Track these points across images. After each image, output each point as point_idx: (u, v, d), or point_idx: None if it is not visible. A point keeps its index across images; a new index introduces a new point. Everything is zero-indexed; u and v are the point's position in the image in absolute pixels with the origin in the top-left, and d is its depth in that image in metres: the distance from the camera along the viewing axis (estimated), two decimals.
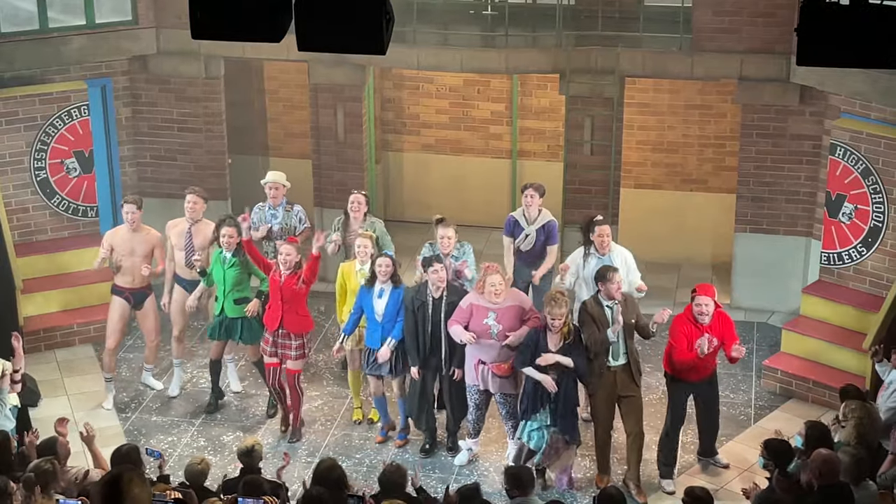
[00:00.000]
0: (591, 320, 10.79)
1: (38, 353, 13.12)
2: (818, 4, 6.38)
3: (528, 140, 16.23)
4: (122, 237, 12.36)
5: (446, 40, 14.40)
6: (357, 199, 12.54)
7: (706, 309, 10.83)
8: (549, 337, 10.69)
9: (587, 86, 14.10)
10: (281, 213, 12.81)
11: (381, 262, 11.37)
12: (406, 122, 16.55)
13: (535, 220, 12.58)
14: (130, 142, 14.93)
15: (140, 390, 12.82)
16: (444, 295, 11.27)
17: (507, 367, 10.96)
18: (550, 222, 12.63)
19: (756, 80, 13.66)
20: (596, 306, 10.85)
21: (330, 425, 12.23)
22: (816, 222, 13.72)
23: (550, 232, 12.62)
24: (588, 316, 10.83)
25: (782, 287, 14.04)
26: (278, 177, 12.89)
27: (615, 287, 10.80)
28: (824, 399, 12.44)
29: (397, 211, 16.60)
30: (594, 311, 10.82)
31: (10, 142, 13.68)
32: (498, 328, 10.88)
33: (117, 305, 12.45)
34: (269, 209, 12.86)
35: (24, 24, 13.89)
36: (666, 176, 15.72)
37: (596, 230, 11.79)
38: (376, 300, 11.36)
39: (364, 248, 11.79)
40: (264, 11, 6.59)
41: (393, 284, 11.38)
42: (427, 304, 11.27)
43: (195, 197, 12.48)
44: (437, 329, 11.27)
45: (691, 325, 10.87)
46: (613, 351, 10.83)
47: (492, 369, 11.02)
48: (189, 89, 14.75)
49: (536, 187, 12.63)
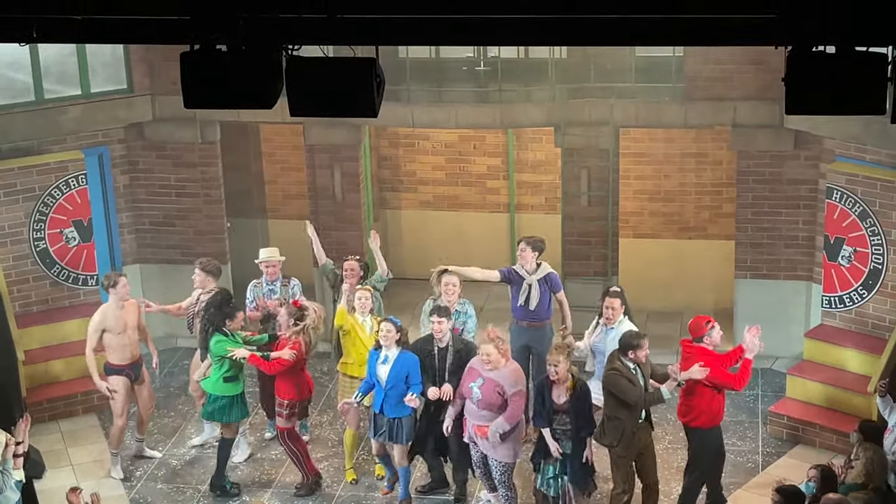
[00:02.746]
0: (629, 381, 10.65)
1: (41, 424, 13.07)
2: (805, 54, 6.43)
3: (525, 193, 16.27)
4: (112, 315, 12.26)
5: (440, 97, 14.47)
6: (350, 267, 12.43)
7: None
8: (553, 390, 10.65)
9: (582, 138, 14.15)
10: (279, 288, 12.78)
11: (384, 327, 11.24)
12: (403, 179, 16.60)
13: (536, 272, 12.48)
14: (129, 209, 14.97)
15: (146, 458, 12.76)
16: (450, 345, 11.24)
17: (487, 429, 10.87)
18: (551, 273, 12.53)
19: (750, 127, 13.71)
20: (627, 370, 10.72)
21: (336, 486, 12.16)
22: (816, 266, 13.72)
23: (553, 282, 12.50)
24: (625, 378, 10.65)
25: (785, 332, 14.01)
26: (272, 253, 12.88)
27: (645, 353, 10.76)
28: (832, 443, 12.39)
29: (397, 268, 16.52)
30: (628, 374, 10.69)
31: (8, 213, 13.71)
32: (478, 396, 10.83)
33: (121, 385, 12.34)
34: (267, 285, 12.82)
35: (20, 95, 13.96)
36: (664, 225, 15.74)
37: (606, 300, 11.79)
38: (380, 366, 11.26)
39: (364, 300, 11.81)
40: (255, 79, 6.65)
41: (400, 348, 11.28)
42: (434, 354, 11.27)
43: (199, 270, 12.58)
44: (443, 379, 11.25)
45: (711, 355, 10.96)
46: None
47: (475, 429, 10.97)
48: (186, 154, 14.81)
49: (529, 241, 12.49)
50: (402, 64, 14.17)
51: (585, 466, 10.81)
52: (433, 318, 11.29)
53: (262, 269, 12.83)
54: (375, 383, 11.33)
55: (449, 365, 11.22)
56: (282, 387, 11.73)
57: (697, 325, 11.06)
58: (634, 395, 10.62)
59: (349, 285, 12.31)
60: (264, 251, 12.96)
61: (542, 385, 10.79)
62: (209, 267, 12.61)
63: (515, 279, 12.51)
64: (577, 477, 10.76)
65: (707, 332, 11.00)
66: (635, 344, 10.70)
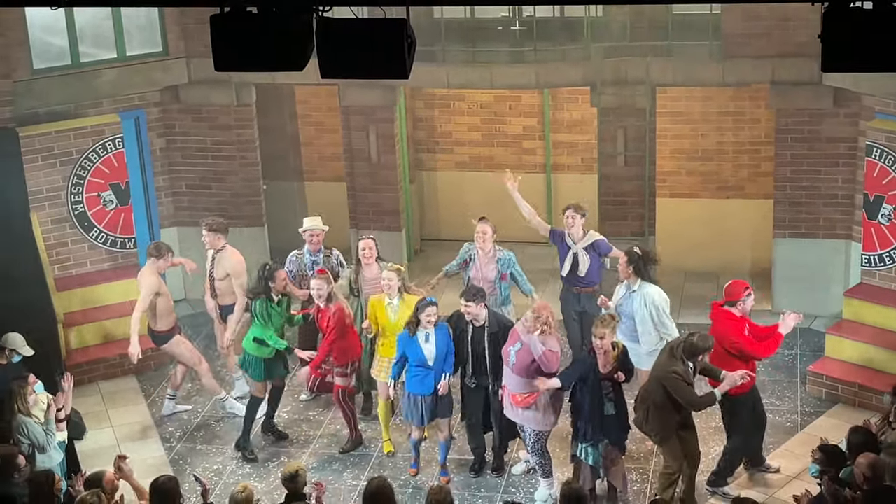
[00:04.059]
0: (689, 385, 10.52)
1: (81, 386, 13.15)
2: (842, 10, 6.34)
3: (561, 154, 16.19)
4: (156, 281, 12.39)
5: (475, 58, 14.40)
6: (367, 245, 12.29)
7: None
8: (598, 359, 10.65)
9: (618, 97, 14.05)
10: (321, 259, 12.71)
11: (431, 311, 11.09)
12: (439, 140, 16.56)
13: (582, 239, 12.45)
14: (165, 172, 15.02)
15: (185, 419, 12.86)
16: (486, 325, 11.21)
17: (521, 398, 10.84)
18: (598, 241, 12.53)
19: (788, 84, 13.57)
20: (687, 373, 10.57)
21: (374, 447, 12.21)
22: (856, 225, 13.59)
23: (601, 247, 12.50)
24: (686, 383, 10.50)
25: (824, 291, 13.91)
26: (316, 222, 12.77)
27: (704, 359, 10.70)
28: (871, 403, 12.30)
29: (433, 230, 16.60)
30: (688, 378, 10.54)
31: (46, 177, 13.79)
32: (514, 361, 10.82)
33: (182, 343, 12.64)
34: (310, 255, 12.75)
35: (57, 59, 14.00)
36: (702, 184, 15.63)
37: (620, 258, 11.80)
38: (424, 345, 11.15)
39: (390, 281, 11.69)
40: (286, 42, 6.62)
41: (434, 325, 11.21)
42: (467, 331, 11.25)
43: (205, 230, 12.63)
44: (482, 358, 11.22)
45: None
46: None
47: (511, 398, 10.95)
48: (221, 117, 14.82)
49: (576, 208, 12.48)
50: (436, 24, 14.10)
51: (623, 425, 10.84)
52: (462, 301, 11.17)
53: (306, 239, 12.77)
54: (417, 364, 11.21)
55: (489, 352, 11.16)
56: (337, 351, 11.74)
57: (736, 289, 11.01)
58: (691, 398, 10.52)
59: (366, 265, 12.24)
60: (308, 220, 12.87)
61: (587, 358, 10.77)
62: (215, 226, 12.60)
63: (561, 245, 12.50)
64: (616, 436, 10.79)
65: (742, 299, 10.96)
66: (705, 348, 10.54)
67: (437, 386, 11.17)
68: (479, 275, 12.28)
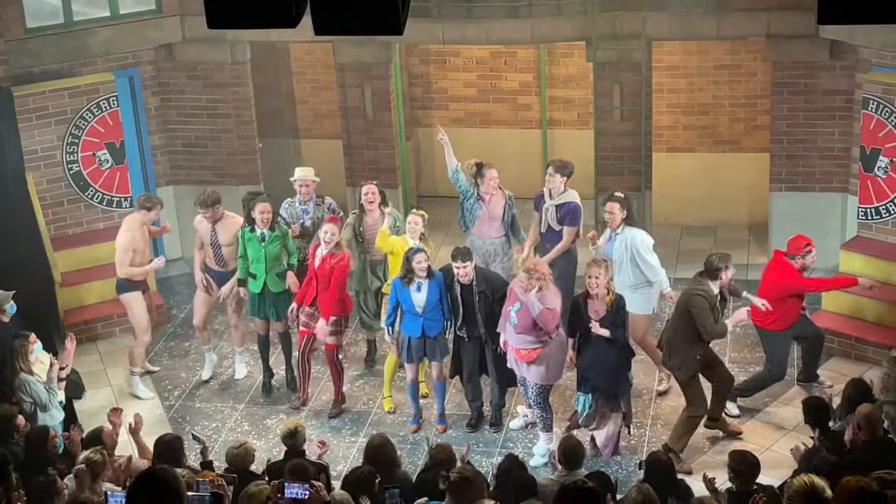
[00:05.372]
0: (711, 308, 10.52)
1: (79, 346, 13.05)
2: None
3: (557, 109, 16.15)
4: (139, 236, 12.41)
5: (470, 13, 14.31)
6: (371, 190, 12.34)
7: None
8: (589, 305, 10.65)
9: (614, 52, 14.01)
10: (312, 208, 12.77)
11: (420, 258, 11.21)
12: (434, 96, 16.51)
13: (561, 195, 12.29)
14: (161, 131, 14.98)
15: (183, 377, 12.91)
16: (474, 283, 11.24)
17: (525, 353, 10.87)
18: (570, 203, 12.24)
19: (784, 37, 13.53)
20: (711, 296, 10.57)
21: (372, 404, 12.26)
22: (852, 177, 13.59)
23: (568, 213, 12.21)
24: (709, 303, 10.49)
25: (820, 244, 13.76)
26: (307, 172, 12.80)
27: (730, 275, 10.71)
28: (867, 355, 12.36)
29: (430, 186, 16.58)
30: (712, 300, 10.53)
31: (41, 136, 13.74)
32: (515, 321, 10.83)
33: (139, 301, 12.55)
34: (300, 205, 12.79)
35: (50, 18, 13.95)
36: (698, 138, 15.61)
37: (607, 205, 11.79)
38: (415, 294, 11.26)
39: (415, 224, 11.85)
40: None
41: (428, 276, 11.28)
42: (454, 288, 11.29)
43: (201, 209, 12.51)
44: (472, 313, 11.27)
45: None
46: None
47: (515, 352, 11.00)
48: (216, 75, 14.77)
49: (557, 166, 12.26)
50: None
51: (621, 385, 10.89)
52: (456, 263, 11.15)
53: (296, 188, 12.81)
54: (408, 311, 11.33)
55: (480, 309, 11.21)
56: (328, 305, 11.74)
57: (797, 243, 11.39)
58: (706, 321, 10.50)
59: (369, 211, 12.33)
60: (299, 170, 12.91)
61: (577, 300, 10.81)
62: (210, 200, 12.32)
63: (539, 204, 12.43)
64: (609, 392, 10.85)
65: (802, 254, 11.29)
66: (723, 266, 10.57)
67: (427, 332, 11.32)
68: (486, 213, 12.35)
